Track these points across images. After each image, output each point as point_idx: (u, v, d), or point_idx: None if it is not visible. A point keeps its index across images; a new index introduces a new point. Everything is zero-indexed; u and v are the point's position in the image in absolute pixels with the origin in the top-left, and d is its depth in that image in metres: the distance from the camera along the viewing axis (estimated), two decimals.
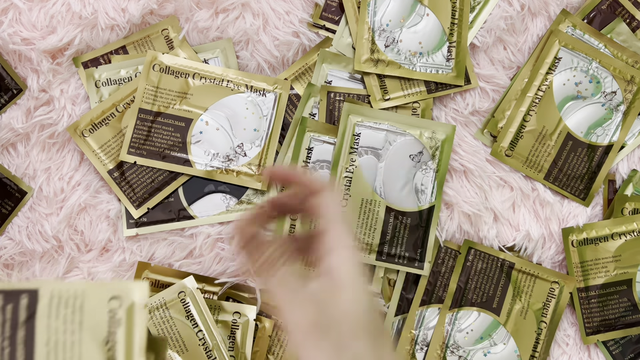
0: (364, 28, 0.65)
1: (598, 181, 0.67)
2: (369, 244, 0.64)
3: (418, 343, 0.64)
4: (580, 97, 0.67)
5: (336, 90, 0.66)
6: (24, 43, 0.64)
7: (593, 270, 0.67)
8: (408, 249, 0.65)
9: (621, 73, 0.67)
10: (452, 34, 0.65)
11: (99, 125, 0.65)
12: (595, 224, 0.67)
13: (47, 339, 0.36)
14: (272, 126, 0.66)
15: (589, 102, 0.67)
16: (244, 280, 0.66)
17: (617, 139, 0.67)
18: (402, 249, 0.65)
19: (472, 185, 0.67)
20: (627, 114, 0.67)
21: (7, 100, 0.65)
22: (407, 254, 0.65)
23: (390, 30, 0.65)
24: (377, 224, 0.64)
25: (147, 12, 0.65)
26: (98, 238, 0.65)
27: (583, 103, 0.67)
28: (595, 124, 0.67)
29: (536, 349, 0.66)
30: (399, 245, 0.65)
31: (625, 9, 0.68)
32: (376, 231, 0.64)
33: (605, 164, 0.67)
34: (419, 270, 0.65)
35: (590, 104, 0.67)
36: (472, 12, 0.67)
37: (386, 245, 0.64)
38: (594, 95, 0.67)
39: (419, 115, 0.66)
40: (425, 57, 0.66)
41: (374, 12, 0.65)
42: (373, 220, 0.64)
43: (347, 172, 0.64)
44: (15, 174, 0.65)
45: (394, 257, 0.65)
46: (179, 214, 0.65)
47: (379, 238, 0.64)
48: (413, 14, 0.66)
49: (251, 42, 0.66)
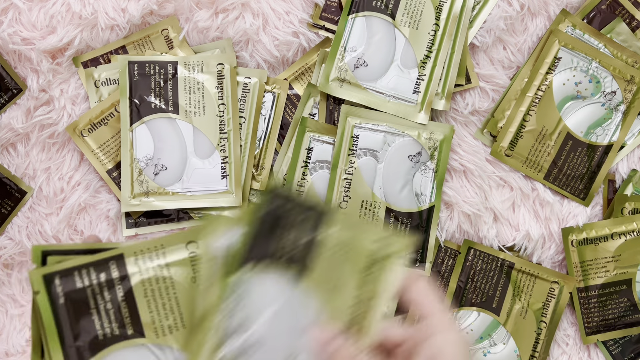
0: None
1: (598, 181, 0.67)
2: None
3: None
4: (580, 97, 0.67)
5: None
6: (24, 43, 0.64)
7: (593, 270, 0.67)
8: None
9: (621, 73, 0.67)
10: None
11: (98, 125, 0.65)
12: (595, 224, 0.67)
13: (143, 291, 0.41)
14: (271, 126, 0.66)
15: (589, 102, 0.67)
16: None
17: (616, 138, 0.67)
18: None
19: (472, 185, 0.67)
20: (627, 114, 0.67)
21: (7, 100, 0.65)
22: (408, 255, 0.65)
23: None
24: (378, 225, 0.64)
25: (147, 12, 0.65)
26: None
27: (583, 103, 0.67)
28: (595, 124, 0.67)
29: (536, 349, 0.66)
30: None
31: (625, 9, 0.68)
32: None
33: (605, 164, 0.67)
34: (420, 271, 0.65)
35: (590, 104, 0.67)
36: (472, 12, 0.67)
37: None
38: (593, 95, 0.67)
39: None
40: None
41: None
42: (373, 222, 0.64)
43: (347, 174, 0.64)
44: (15, 174, 0.66)
45: None
46: (178, 213, 0.65)
47: None
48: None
49: (251, 42, 0.66)
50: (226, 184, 0.64)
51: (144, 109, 0.64)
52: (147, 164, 0.64)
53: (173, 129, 0.64)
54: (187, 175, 0.64)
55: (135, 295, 0.41)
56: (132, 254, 0.42)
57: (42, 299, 0.41)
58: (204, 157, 0.64)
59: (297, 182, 0.65)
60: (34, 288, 0.41)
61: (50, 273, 0.41)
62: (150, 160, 0.64)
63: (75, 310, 0.41)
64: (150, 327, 0.41)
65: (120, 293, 0.41)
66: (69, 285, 0.41)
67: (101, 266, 0.41)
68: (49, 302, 0.41)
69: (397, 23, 0.65)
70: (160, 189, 0.64)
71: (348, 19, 0.65)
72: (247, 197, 0.65)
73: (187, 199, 0.64)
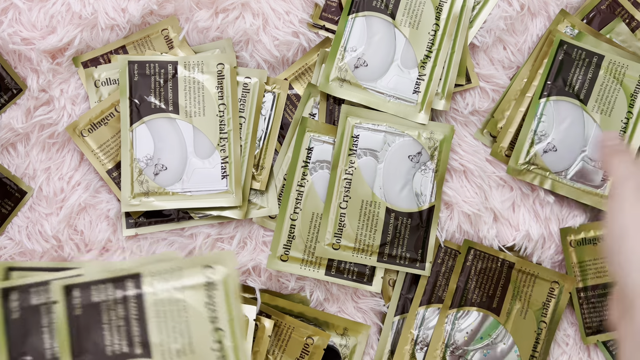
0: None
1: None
2: (370, 245, 0.64)
3: (418, 343, 0.64)
4: None
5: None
6: (24, 43, 0.64)
7: (592, 270, 0.67)
8: (409, 249, 0.65)
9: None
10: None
11: (98, 125, 0.65)
12: (593, 224, 0.67)
13: (156, 311, 0.42)
14: (271, 126, 0.66)
15: None
16: (244, 280, 0.66)
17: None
18: (403, 250, 0.65)
19: (472, 185, 0.67)
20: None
21: (7, 100, 0.65)
22: (409, 255, 0.65)
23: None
24: (378, 226, 0.64)
25: (147, 12, 0.65)
26: (98, 238, 0.65)
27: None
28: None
29: (536, 349, 0.66)
30: (400, 246, 0.65)
31: (624, 9, 0.68)
32: (377, 232, 0.64)
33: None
34: (420, 271, 0.65)
35: None
36: (472, 12, 0.67)
37: (387, 246, 0.64)
38: None
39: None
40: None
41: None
42: (373, 222, 0.64)
43: (347, 174, 0.64)
44: (15, 174, 0.66)
45: (395, 258, 0.65)
46: (178, 213, 0.65)
47: (380, 239, 0.64)
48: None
49: (251, 42, 0.66)
50: (226, 184, 0.64)
51: (144, 109, 0.64)
52: (147, 164, 0.64)
53: (173, 129, 0.64)
54: (187, 175, 0.64)
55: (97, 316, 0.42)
56: (149, 274, 0.42)
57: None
58: (204, 157, 0.64)
59: (297, 182, 0.65)
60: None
61: (6, 288, 0.41)
62: (150, 160, 0.64)
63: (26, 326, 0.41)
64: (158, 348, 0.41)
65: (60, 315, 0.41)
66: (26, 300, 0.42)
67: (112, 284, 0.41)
68: (2, 315, 0.41)
69: (397, 23, 0.65)
70: (160, 189, 0.64)
71: (348, 19, 0.65)
72: (247, 197, 0.65)
73: (187, 199, 0.64)
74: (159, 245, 0.65)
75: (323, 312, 0.66)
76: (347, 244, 0.64)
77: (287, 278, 0.66)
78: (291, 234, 0.65)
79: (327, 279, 0.65)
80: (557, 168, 0.65)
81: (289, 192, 0.65)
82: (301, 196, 0.65)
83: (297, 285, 0.67)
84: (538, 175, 0.65)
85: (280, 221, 0.65)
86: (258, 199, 0.66)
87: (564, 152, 0.65)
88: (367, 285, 0.66)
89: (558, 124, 0.65)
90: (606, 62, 0.65)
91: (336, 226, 0.64)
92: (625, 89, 0.65)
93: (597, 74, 0.65)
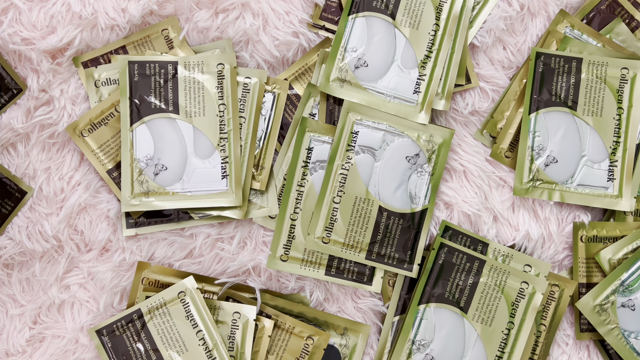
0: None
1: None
2: (360, 242, 0.64)
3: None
4: None
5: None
6: (24, 43, 0.64)
7: (598, 268, 0.67)
8: (398, 249, 0.65)
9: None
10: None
11: (98, 125, 0.65)
12: (607, 224, 0.67)
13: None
14: (271, 126, 0.66)
15: None
16: (244, 280, 0.66)
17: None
18: (392, 249, 0.65)
19: (472, 185, 0.67)
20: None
21: (7, 100, 0.65)
22: (397, 255, 0.65)
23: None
24: (369, 223, 0.64)
25: (147, 12, 0.65)
26: (98, 238, 0.66)
27: None
28: None
29: (535, 352, 0.66)
30: (389, 245, 0.65)
31: (624, 9, 0.68)
32: (367, 230, 0.64)
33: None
34: (407, 272, 0.65)
35: None
36: (472, 12, 0.67)
37: (376, 244, 0.64)
38: None
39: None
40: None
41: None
42: (365, 219, 0.64)
43: (343, 169, 0.64)
44: (15, 173, 0.66)
45: (384, 257, 0.65)
46: (178, 213, 0.65)
47: (370, 237, 0.64)
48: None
49: (251, 42, 0.66)
50: (226, 184, 0.64)
51: (144, 109, 0.64)
52: (147, 164, 0.64)
53: (173, 129, 0.64)
54: (187, 175, 0.64)
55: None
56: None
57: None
58: (204, 157, 0.64)
59: (297, 182, 0.65)
60: None
61: None
62: (151, 160, 0.64)
63: None
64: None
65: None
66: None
67: None
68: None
69: (398, 23, 0.65)
70: (160, 188, 0.64)
71: (348, 19, 0.65)
72: (247, 197, 0.65)
73: (187, 199, 0.64)
74: (159, 245, 0.65)
75: (323, 312, 0.66)
76: (337, 239, 0.64)
77: (287, 278, 0.66)
78: (291, 234, 0.65)
79: (327, 279, 0.65)
80: (562, 178, 0.65)
81: (289, 192, 0.65)
82: (301, 196, 0.65)
83: (297, 285, 0.67)
84: (545, 190, 0.65)
85: (280, 221, 0.65)
86: (258, 199, 0.66)
87: (565, 161, 0.65)
88: (367, 285, 0.66)
89: (553, 135, 0.65)
90: (585, 64, 0.65)
91: (328, 220, 0.64)
92: (610, 86, 0.65)
93: (579, 78, 0.65)
